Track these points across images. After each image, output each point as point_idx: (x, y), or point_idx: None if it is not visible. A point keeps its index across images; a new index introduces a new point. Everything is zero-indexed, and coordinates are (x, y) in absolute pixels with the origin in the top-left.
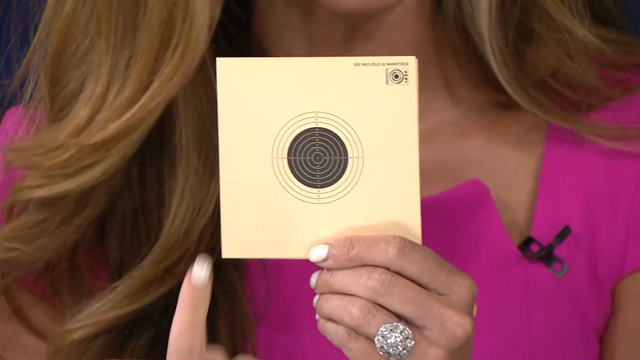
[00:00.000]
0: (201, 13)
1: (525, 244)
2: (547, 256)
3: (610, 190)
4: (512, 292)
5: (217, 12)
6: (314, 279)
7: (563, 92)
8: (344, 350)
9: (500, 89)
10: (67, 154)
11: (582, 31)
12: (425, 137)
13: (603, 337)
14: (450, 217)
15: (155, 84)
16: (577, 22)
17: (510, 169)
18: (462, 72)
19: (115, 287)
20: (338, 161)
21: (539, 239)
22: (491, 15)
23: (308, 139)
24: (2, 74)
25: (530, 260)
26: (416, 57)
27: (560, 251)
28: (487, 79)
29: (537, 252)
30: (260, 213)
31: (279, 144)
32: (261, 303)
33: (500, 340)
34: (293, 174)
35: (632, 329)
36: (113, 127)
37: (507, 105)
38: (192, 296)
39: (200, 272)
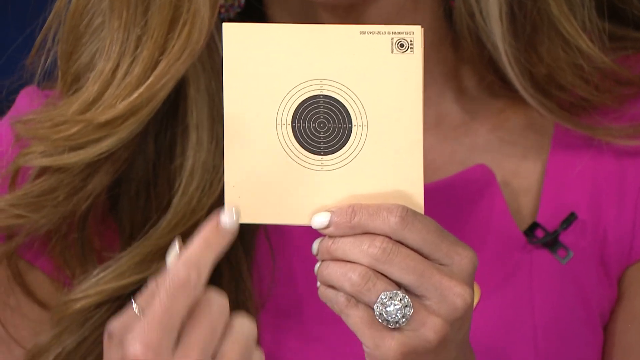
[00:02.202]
0: None
1: (531, 229)
2: (552, 242)
3: (618, 177)
4: (517, 277)
5: None
6: (315, 246)
7: (564, 96)
8: (343, 317)
9: (505, 79)
10: (74, 129)
11: (599, 55)
12: (433, 124)
13: (608, 323)
14: (456, 202)
15: (163, 63)
16: (594, 47)
17: (518, 155)
18: (468, 62)
19: (120, 258)
20: (342, 129)
21: (544, 225)
22: (503, 25)
23: (312, 106)
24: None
25: (535, 246)
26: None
27: (565, 237)
28: (493, 70)
29: (542, 238)
30: (264, 179)
31: (283, 111)
32: (267, 286)
33: (503, 325)
34: (297, 141)
35: (636, 315)
36: (121, 106)
37: (513, 97)
38: (209, 233)
39: (230, 215)
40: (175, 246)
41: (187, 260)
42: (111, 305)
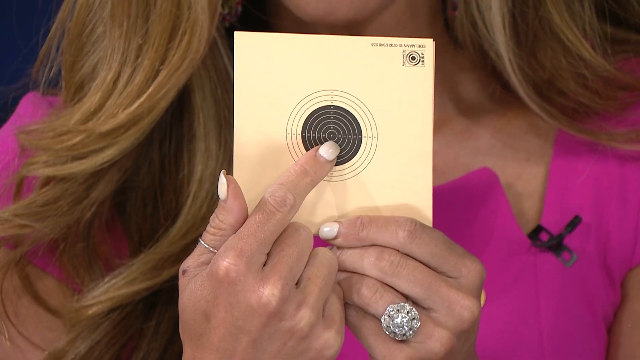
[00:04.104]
0: (199, 0)
1: (535, 232)
2: (556, 245)
3: (621, 182)
4: (522, 281)
5: (219, 0)
6: None
7: (566, 101)
8: (350, 328)
9: (507, 87)
10: (76, 139)
11: (602, 63)
12: (435, 129)
13: (611, 325)
14: (460, 206)
15: (163, 73)
16: (596, 55)
17: (520, 158)
18: (468, 70)
19: (131, 265)
20: (352, 140)
21: (548, 228)
22: (506, 34)
23: (323, 117)
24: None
25: (539, 249)
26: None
27: (570, 241)
28: (495, 77)
29: (547, 241)
30: None
31: (293, 120)
32: None
33: (509, 329)
34: (307, 151)
35: (639, 318)
36: (122, 116)
37: (515, 102)
38: (307, 162)
39: (330, 148)
40: (223, 178)
41: (285, 183)
42: (122, 310)
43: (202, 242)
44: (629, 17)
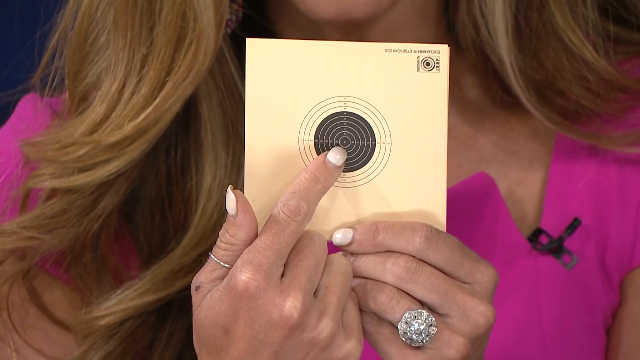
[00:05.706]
0: (205, 11)
1: (535, 235)
2: (557, 248)
3: (620, 184)
4: (523, 284)
5: (225, 11)
6: None
7: (568, 104)
8: (365, 335)
9: (508, 91)
10: (82, 151)
11: (604, 66)
12: None
13: (610, 327)
14: (459, 212)
15: (169, 84)
16: (599, 58)
17: (522, 165)
18: (471, 73)
19: (144, 277)
20: (365, 146)
21: (548, 231)
22: (509, 39)
23: (336, 123)
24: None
25: (539, 252)
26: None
27: (570, 243)
28: (497, 81)
29: (547, 244)
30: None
31: (306, 127)
32: None
33: (512, 331)
34: None
35: (637, 318)
36: (129, 127)
37: (516, 105)
38: (317, 168)
39: (337, 154)
40: (231, 194)
41: (297, 191)
42: (135, 320)
43: (213, 257)
44: (632, 20)
